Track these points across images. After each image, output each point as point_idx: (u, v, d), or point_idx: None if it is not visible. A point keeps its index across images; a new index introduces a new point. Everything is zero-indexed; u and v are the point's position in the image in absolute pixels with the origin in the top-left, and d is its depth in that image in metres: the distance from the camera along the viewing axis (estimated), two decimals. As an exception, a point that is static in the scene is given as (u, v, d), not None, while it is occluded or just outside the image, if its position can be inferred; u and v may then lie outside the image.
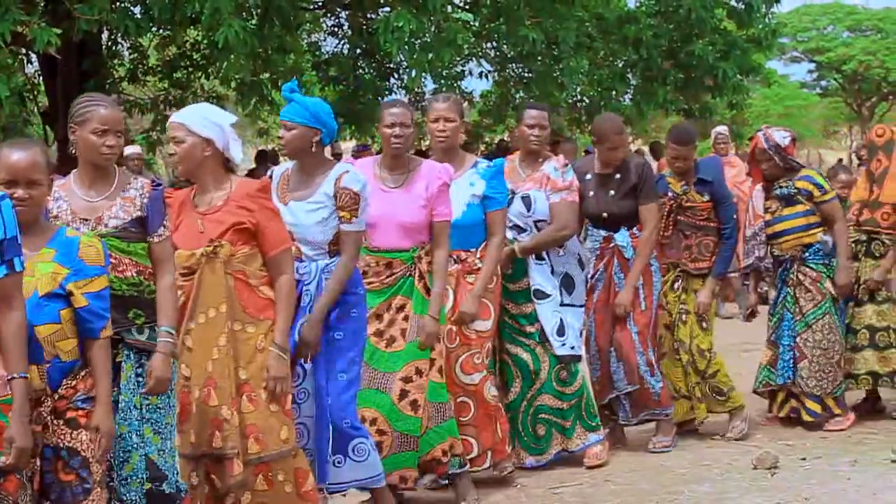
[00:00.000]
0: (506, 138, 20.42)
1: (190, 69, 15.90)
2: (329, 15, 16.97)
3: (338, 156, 15.45)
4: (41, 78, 15.81)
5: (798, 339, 7.91)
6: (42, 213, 4.56)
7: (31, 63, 15.76)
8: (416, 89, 16.82)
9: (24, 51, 14.31)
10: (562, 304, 7.08)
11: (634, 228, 7.36)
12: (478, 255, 6.56)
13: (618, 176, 7.36)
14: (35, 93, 16.38)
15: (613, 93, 16.42)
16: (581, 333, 7.27)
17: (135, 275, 4.83)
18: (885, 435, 7.80)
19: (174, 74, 16.08)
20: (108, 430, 4.43)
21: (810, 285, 7.89)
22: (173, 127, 5.31)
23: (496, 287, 6.70)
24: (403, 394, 6.07)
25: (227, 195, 5.28)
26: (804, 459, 7.22)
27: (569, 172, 7.11)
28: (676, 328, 7.70)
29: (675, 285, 7.72)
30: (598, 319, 7.38)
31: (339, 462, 5.75)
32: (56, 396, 4.37)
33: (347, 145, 19.81)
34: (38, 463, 4.32)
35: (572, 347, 7.11)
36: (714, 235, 7.73)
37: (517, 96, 16.58)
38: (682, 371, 7.70)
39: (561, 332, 7.05)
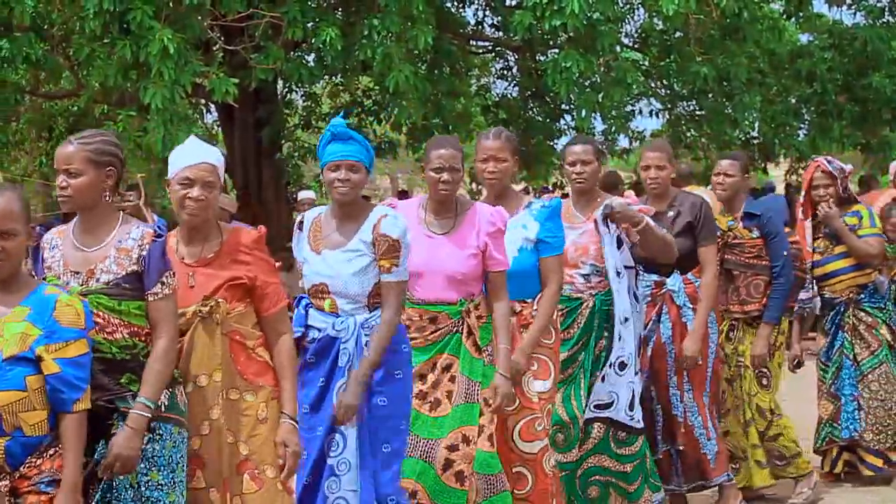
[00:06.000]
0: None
1: (362, 115, 16.18)
2: (498, 58, 17.12)
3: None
4: (219, 127, 16.27)
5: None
6: (20, 267, 4.03)
7: (210, 112, 16.26)
8: (585, 130, 16.78)
9: (202, 101, 14.78)
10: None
11: (689, 273, 6.78)
12: (535, 307, 5.85)
13: (671, 213, 6.77)
14: (214, 142, 16.85)
15: (787, 128, 16.12)
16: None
17: (126, 336, 4.24)
18: None
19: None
20: None
21: (865, 331, 7.46)
22: (207, 170, 4.65)
23: (555, 343, 5.97)
24: (448, 464, 5.33)
25: (220, 245, 4.69)
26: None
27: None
28: (737, 383, 7.17)
29: (731, 335, 7.19)
30: (659, 378, 6.74)
31: None
32: (16, 475, 3.84)
33: (517, 188, 19.89)
34: None
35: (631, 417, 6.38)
36: (765, 275, 7.16)
37: (688, 135, 16.41)
38: (743, 430, 7.16)
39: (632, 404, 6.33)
